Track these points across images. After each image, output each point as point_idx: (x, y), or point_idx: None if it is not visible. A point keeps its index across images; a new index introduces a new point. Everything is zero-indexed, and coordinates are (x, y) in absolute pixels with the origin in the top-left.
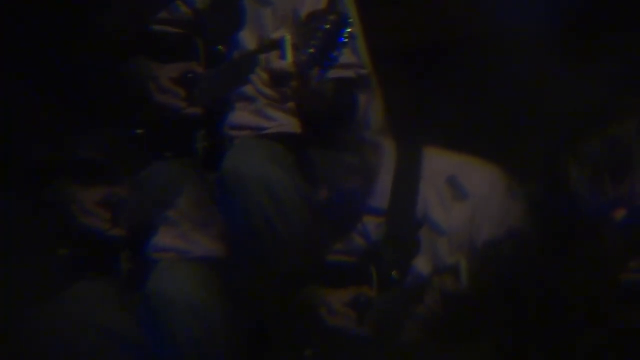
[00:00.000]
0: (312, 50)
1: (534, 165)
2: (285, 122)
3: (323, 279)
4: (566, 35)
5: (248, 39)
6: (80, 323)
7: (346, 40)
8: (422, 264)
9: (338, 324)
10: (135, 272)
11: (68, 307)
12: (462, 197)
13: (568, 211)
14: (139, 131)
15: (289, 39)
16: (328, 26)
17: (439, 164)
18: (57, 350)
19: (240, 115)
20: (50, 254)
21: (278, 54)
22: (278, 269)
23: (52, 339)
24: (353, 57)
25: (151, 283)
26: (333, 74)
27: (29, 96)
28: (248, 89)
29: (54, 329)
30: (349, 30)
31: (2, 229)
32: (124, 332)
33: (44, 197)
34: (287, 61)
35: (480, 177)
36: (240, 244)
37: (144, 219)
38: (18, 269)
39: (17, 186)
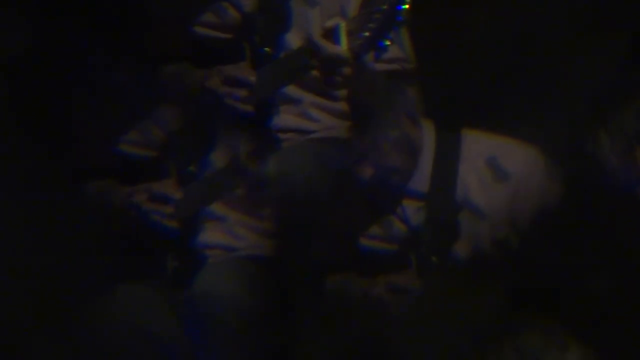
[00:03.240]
0: (367, 34)
1: (564, 143)
2: (330, 124)
3: (361, 267)
4: (576, 12)
5: (295, 39)
6: (123, 326)
7: (403, 19)
8: (462, 248)
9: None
10: (182, 270)
11: (111, 309)
12: (502, 177)
13: (599, 187)
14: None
15: (343, 25)
16: (385, 7)
17: (477, 145)
18: (98, 352)
19: (285, 117)
20: (95, 255)
21: (331, 40)
22: (315, 258)
23: (94, 340)
24: (398, 50)
25: (197, 284)
26: (381, 67)
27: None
28: (292, 91)
29: (97, 331)
30: (406, 7)
31: (48, 230)
32: (166, 335)
33: (90, 196)
34: (342, 47)
35: (519, 157)
36: (282, 236)
37: (192, 214)
38: (64, 269)
39: (63, 185)
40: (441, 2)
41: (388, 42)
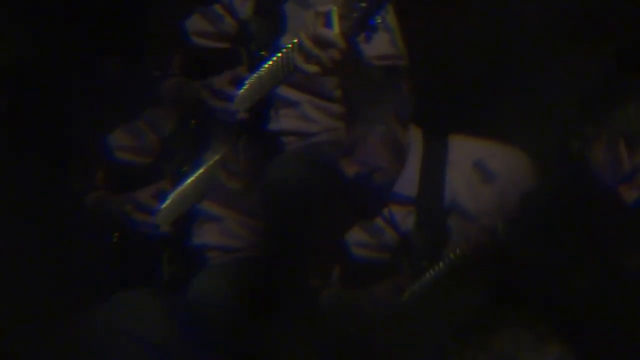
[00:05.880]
0: (355, 15)
1: (551, 143)
2: (328, 125)
3: (353, 276)
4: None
5: (287, 42)
6: (119, 332)
7: None
8: (451, 250)
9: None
10: (178, 274)
11: (108, 316)
12: (489, 179)
13: (584, 185)
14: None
15: (335, 9)
16: None
17: (464, 149)
18: (95, 359)
19: (284, 120)
20: (90, 266)
21: (323, 23)
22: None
23: (91, 347)
24: (391, 48)
25: (193, 289)
26: (375, 63)
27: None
28: (289, 93)
29: (93, 338)
30: None
31: (44, 237)
32: (162, 340)
33: (86, 204)
34: (334, 32)
35: (505, 158)
36: (275, 239)
37: (186, 214)
38: (60, 277)
39: (60, 193)
40: (433, 5)
41: (379, 20)
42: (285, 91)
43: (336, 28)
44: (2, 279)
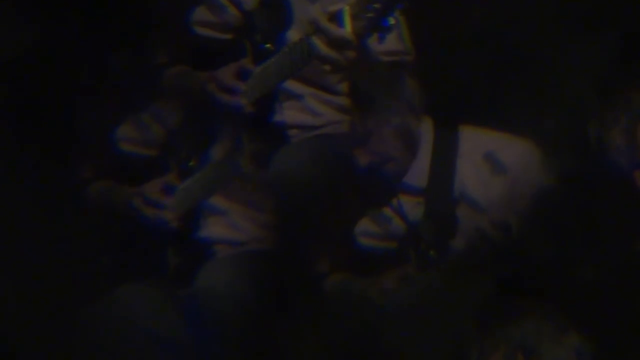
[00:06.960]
0: (371, 14)
1: (563, 133)
2: (333, 118)
3: (360, 266)
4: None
5: (295, 36)
6: (125, 326)
7: None
8: (460, 242)
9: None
10: (183, 267)
11: (113, 308)
12: (499, 171)
13: (600, 171)
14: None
15: (347, 9)
16: None
17: (475, 140)
18: (101, 351)
19: (288, 113)
20: (95, 258)
21: (335, 21)
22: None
23: (97, 340)
24: (398, 43)
25: (199, 281)
26: (382, 58)
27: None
28: (294, 86)
29: (99, 330)
30: None
31: (49, 230)
32: (167, 334)
33: (91, 196)
34: (346, 30)
35: (516, 150)
36: (281, 231)
37: (190, 208)
38: (66, 269)
39: (64, 186)
40: None
41: (392, 21)
42: (289, 84)
43: (348, 27)
44: (6, 271)
